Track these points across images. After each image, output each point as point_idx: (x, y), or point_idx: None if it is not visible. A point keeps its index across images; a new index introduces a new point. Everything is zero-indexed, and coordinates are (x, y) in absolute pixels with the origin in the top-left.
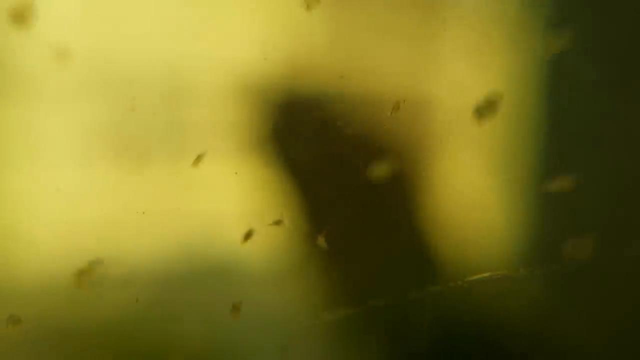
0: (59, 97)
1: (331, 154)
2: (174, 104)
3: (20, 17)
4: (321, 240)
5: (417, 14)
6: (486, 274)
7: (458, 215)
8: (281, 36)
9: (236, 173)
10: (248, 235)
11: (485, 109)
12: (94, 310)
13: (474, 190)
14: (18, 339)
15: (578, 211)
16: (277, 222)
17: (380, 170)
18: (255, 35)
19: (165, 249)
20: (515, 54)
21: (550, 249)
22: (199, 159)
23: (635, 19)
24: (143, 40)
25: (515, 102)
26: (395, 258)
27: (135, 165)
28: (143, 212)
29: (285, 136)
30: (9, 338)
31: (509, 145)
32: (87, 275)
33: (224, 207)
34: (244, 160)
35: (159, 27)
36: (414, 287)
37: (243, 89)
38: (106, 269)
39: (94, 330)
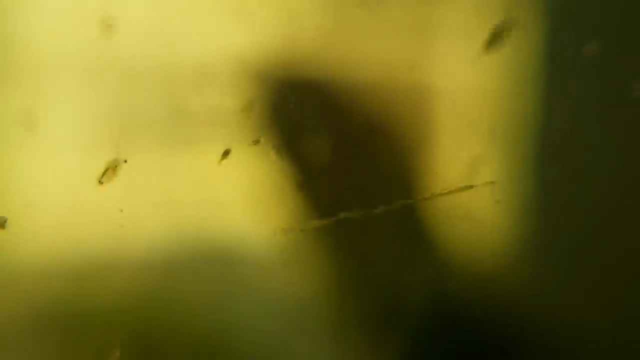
0: (62, 84)
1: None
2: (175, 91)
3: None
4: (275, 154)
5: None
6: (454, 188)
7: (428, 134)
8: (279, 20)
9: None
10: (226, 154)
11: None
12: (96, 295)
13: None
14: (27, 320)
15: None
16: (255, 142)
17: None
18: (254, 20)
19: (166, 233)
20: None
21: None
22: (199, 145)
23: None
24: (143, 28)
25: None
26: (366, 172)
27: (136, 151)
28: (143, 198)
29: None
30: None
31: None
32: (89, 259)
33: (225, 196)
34: (243, 147)
35: (159, 15)
36: (384, 201)
37: (243, 74)
38: (106, 254)
39: (97, 314)
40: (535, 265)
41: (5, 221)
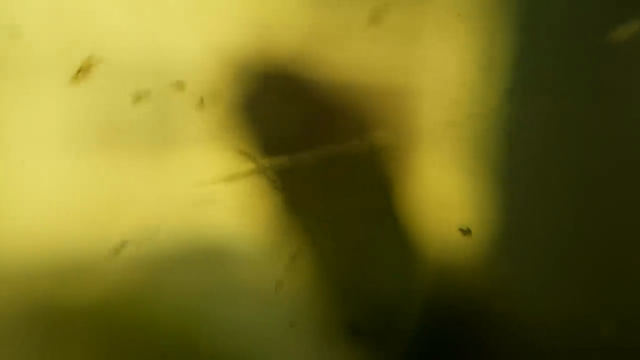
0: (43, 84)
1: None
2: (157, 87)
3: None
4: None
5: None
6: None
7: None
8: (262, 14)
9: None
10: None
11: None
12: (84, 291)
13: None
14: (11, 318)
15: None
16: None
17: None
18: (235, 11)
19: (152, 232)
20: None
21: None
22: (182, 140)
23: None
24: (124, 23)
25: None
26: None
27: (120, 149)
28: (128, 195)
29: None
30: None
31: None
32: (73, 257)
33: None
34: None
35: (139, 9)
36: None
37: (223, 64)
38: (91, 251)
39: (84, 310)
40: (500, 240)
41: None
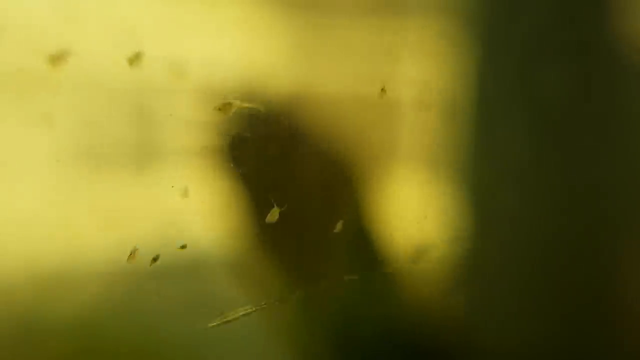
0: (24, 100)
1: None
2: (143, 106)
3: None
4: None
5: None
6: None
7: None
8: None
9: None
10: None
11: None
12: (58, 308)
13: None
14: None
15: None
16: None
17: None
18: (230, 41)
19: (129, 248)
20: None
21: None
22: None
23: None
24: (111, 38)
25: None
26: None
27: (100, 168)
28: (107, 212)
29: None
30: None
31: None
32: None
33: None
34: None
35: (129, 27)
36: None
37: (217, 92)
38: (70, 266)
39: (58, 326)
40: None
41: None
